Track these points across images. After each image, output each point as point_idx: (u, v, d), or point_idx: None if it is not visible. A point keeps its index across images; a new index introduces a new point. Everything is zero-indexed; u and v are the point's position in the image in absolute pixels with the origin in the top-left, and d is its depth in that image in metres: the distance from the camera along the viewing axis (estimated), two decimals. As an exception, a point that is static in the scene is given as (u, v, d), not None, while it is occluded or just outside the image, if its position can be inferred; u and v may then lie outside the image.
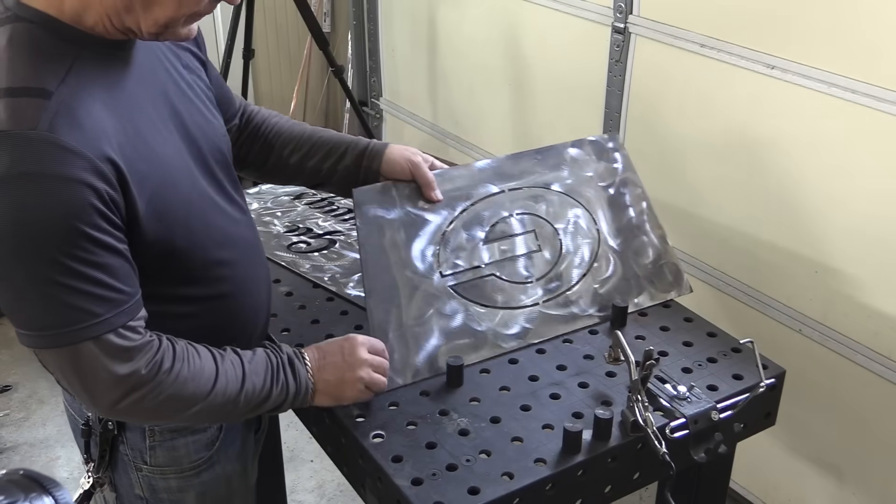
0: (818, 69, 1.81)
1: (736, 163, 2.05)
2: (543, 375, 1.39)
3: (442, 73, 3.05)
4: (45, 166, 0.96)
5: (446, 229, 1.40)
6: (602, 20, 2.29)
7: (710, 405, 1.29)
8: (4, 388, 2.82)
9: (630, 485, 1.31)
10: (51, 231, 0.97)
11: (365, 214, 1.38)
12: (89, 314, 1.02)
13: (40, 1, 1.02)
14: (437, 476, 1.18)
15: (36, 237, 0.97)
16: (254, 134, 1.48)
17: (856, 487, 2.02)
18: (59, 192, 0.97)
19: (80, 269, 1.00)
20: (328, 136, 1.49)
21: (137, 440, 1.26)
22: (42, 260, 0.98)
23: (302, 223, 1.81)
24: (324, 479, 2.51)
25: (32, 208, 0.96)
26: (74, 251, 0.99)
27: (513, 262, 1.47)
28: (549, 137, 2.59)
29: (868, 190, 1.80)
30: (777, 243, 2.01)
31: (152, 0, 1.02)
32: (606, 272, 1.54)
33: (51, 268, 0.99)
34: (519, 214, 1.48)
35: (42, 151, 0.96)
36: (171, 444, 1.27)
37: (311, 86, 3.72)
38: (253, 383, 1.18)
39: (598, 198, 1.56)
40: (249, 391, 1.18)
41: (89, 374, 1.06)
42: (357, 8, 3.37)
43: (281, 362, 1.22)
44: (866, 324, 1.88)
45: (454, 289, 1.41)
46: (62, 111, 0.99)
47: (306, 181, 1.53)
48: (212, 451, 1.30)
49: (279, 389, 1.20)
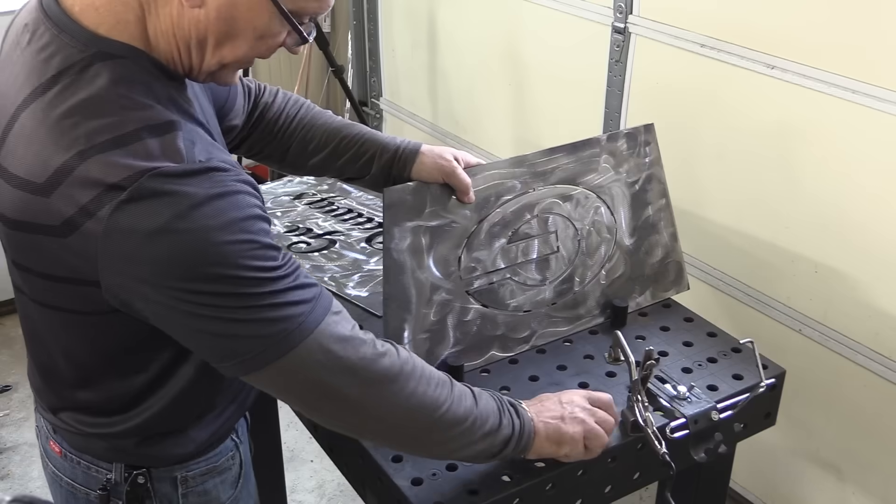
0: (818, 69, 1.81)
1: (735, 162, 2.05)
2: (543, 375, 1.39)
3: (442, 73, 3.05)
4: (213, 189, 0.91)
5: (471, 233, 1.37)
6: (602, 20, 2.29)
7: (710, 405, 1.29)
8: (4, 388, 2.82)
9: (630, 485, 1.31)
10: (238, 250, 0.92)
11: (393, 216, 1.32)
12: (300, 311, 0.96)
13: (124, 33, 0.96)
14: (437, 476, 1.18)
15: (225, 260, 0.91)
16: (269, 131, 1.41)
17: (856, 487, 2.02)
18: (232, 208, 0.92)
19: (275, 275, 0.94)
20: (356, 136, 1.40)
21: (168, 490, 1.18)
22: (248, 272, 0.92)
23: (302, 223, 1.81)
24: (324, 479, 2.51)
25: (212, 233, 0.90)
26: (265, 262, 0.94)
27: (530, 264, 1.44)
28: (549, 137, 2.59)
29: (868, 190, 1.80)
30: (777, 243, 2.01)
31: (228, 38, 0.98)
32: (616, 273, 1.53)
33: (257, 281, 0.93)
34: (543, 214, 1.44)
35: (204, 179, 0.91)
36: (202, 489, 1.20)
37: (311, 86, 3.72)
38: (485, 406, 1.09)
39: (623, 195, 1.52)
40: (481, 416, 1.08)
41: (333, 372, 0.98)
42: (357, 8, 3.37)
43: (501, 401, 1.13)
44: (866, 324, 1.88)
45: (472, 293, 1.38)
46: (194, 137, 0.95)
47: (332, 177, 1.48)
48: (237, 488, 1.25)
49: (507, 423, 1.11)
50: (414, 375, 1.04)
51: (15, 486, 2.43)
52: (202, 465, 1.19)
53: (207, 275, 0.91)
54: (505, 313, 1.42)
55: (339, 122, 1.44)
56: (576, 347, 1.46)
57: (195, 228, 0.90)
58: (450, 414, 1.05)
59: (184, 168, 0.90)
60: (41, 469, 1.29)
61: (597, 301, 1.51)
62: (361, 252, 1.70)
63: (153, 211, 0.89)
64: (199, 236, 0.90)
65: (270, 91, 1.44)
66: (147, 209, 0.89)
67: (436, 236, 1.34)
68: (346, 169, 1.42)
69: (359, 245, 1.72)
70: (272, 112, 1.42)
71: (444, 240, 1.34)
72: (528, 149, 1.60)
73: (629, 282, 1.54)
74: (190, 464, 1.18)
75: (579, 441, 1.15)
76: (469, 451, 1.10)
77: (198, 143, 0.95)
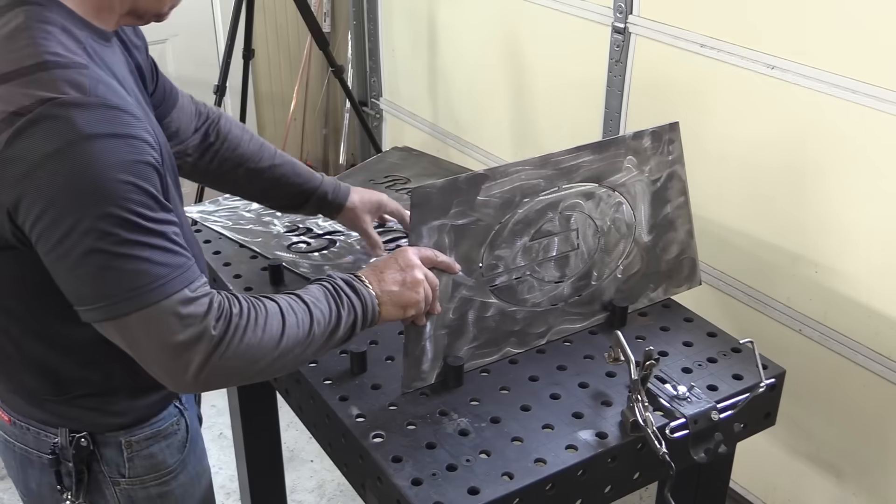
0: (818, 69, 1.82)
1: (735, 162, 2.06)
2: (543, 375, 1.39)
3: (442, 73, 3.05)
4: (108, 127, 0.96)
5: (494, 230, 1.37)
6: (602, 20, 2.29)
7: (710, 405, 1.29)
8: (4, 388, 2.81)
9: (630, 485, 1.31)
10: (122, 189, 0.96)
11: (421, 215, 1.31)
12: (160, 274, 0.99)
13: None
14: (437, 476, 1.18)
15: (109, 197, 0.96)
16: (214, 151, 1.49)
17: (856, 487, 2.02)
18: (124, 148, 0.97)
19: (150, 226, 0.99)
20: (286, 179, 1.53)
21: (114, 455, 1.24)
22: (114, 219, 0.96)
23: (302, 223, 1.81)
24: (324, 479, 2.51)
25: (102, 168, 0.95)
26: (143, 209, 0.98)
27: (550, 262, 1.44)
28: (549, 137, 2.59)
29: (868, 189, 1.80)
30: (777, 243, 2.01)
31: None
32: (632, 269, 1.52)
33: (123, 227, 0.97)
34: (566, 213, 1.43)
35: (102, 114, 0.97)
36: (147, 453, 1.26)
37: (311, 86, 3.72)
38: (320, 310, 1.15)
39: (645, 192, 1.51)
40: (319, 319, 1.14)
41: (164, 340, 1.01)
42: (357, 8, 3.38)
43: (337, 286, 1.19)
44: (866, 324, 1.88)
45: (493, 290, 1.39)
46: (101, 81, 0.99)
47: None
48: (184, 452, 1.31)
49: (347, 311, 1.18)
50: (249, 327, 1.07)
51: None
52: (146, 430, 1.25)
53: (86, 206, 0.95)
54: (524, 309, 1.42)
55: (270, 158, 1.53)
56: (576, 347, 1.46)
57: (85, 158, 0.95)
58: (288, 343, 1.11)
59: (84, 99, 0.96)
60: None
61: (611, 297, 1.51)
62: (362, 251, 1.70)
63: (47, 136, 0.94)
64: (87, 167, 0.95)
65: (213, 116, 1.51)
66: (42, 134, 0.94)
67: (460, 234, 1.34)
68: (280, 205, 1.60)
69: (359, 245, 1.72)
70: (219, 137, 1.50)
71: (467, 238, 1.34)
72: (529, 148, 1.61)
73: (644, 278, 1.54)
74: (134, 429, 1.24)
75: (420, 302, 1.25)
76: (322, 352, 1.18)
77: (105, 85, 0.99)
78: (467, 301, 1.36)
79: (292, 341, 1.11)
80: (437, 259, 1.30)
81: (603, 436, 1.26)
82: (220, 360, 1.04)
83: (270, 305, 1.11)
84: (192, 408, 1.38)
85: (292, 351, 1.12)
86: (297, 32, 3.61)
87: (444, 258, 1.30)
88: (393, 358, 1.41)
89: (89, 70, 0.99)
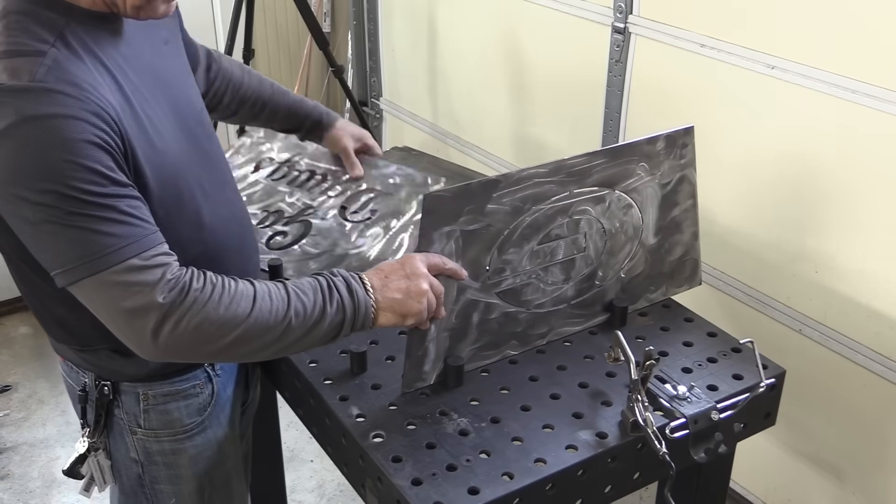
0: (818, 69, 1.82)
1: (735, 162, 2.05)
2: (543, 375, 1.39)
3: (442, 73, 3.05)
4: (47, 109, 1.02)
5: (503, 236, 1.36)
6: (602, 20, 2.29)
7: (710, 405, 1.29)
8: (4, 388, 2.82)
9: (630, 485, 1.31)
10: (61, 167, 1.02)
11: (433, 222, 1.30)
12: (106, 244, 1.06)
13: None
14: (437, 476, 1.18)
15: (48, 174, 1.02)
16: (220, 96, 1.63)
17: (856, 487, 2.02)
18: (63, 129, 1.02)
19: (95, 200, 1.04)
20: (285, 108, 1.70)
21: (132, 404, 1.31)
22: (56, 195, 1.03)
23: (270, 206, 1.78)
24: (324, 479, 2.51)
25: (42, 147, 1.02)
26: (85, 185, 1.04)
27: (556, 265, 1.44)
28: (550, 138, 2.59)
29: (868, 189, 1.80)
30: (777, 243, 2.01)
31: None
32: (636, 271, 1.52)
33: (65, 202, 1.03)
34: (576, 217, 1.43)
35: (42, 98, 1.03)
36: (164, 409, 1.33)
37: (311, 86, 3.72)
38: (302, 303, 1.16)
39: (655, 195, 1.51)
40: (299, 310, 1.15)
41: (114, 305, 1.09)
42: (357, 8, 3.37)
43: (332, 283, 1.20)
44: (866, 324, 1.88)
45: (498, 293, 1.38)
46: (55, 66, 1.05)
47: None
48: (203, 415, 1.36)
49: (335, 310, 1.18)
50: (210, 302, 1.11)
51: (15, 486, 2.43)
52: (165, 387, 1.32)
53: (29, 184, 1.03)
54: (527, 311, 1.42)
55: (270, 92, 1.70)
56: (576, 347, 1.46)
57: (24, 139, 1.01)
58: (256, 326, 1.13)
59: (21, 85, 1.02)
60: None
61: (613, 298, 1.51)
62: (340, 230, 1.68)
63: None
64: (25, 147, 1.02)
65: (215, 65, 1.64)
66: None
67: (469, 239, 1.33)
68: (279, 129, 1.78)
69: (331, 216, 1.71)
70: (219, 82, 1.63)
71: (476, 242, 1.33)
72: (528, 148, 1.60)
73: (647, 279, 1.54)
74: (152, 383, 1.31)
75: (422, 312, 1.24)
76: (304, 345, 1.19)
77: (57, 71, 1.05)
78: (472, 304, 1.36)
79: (261, 326, 1.13)
80: (445, 266, 1.28)
81: (603, 436, 1.26)
82: (175, 329, 1.09)
83: (244, 286, 1.15)
84: (234, 379, 1.43)
85: (261, 336, 1.14)
86: (297, 32, 3.61)
87: (451, 265, 1.29)
88: (393, 358, 1.41)
89: (46, 57, 1.05)
